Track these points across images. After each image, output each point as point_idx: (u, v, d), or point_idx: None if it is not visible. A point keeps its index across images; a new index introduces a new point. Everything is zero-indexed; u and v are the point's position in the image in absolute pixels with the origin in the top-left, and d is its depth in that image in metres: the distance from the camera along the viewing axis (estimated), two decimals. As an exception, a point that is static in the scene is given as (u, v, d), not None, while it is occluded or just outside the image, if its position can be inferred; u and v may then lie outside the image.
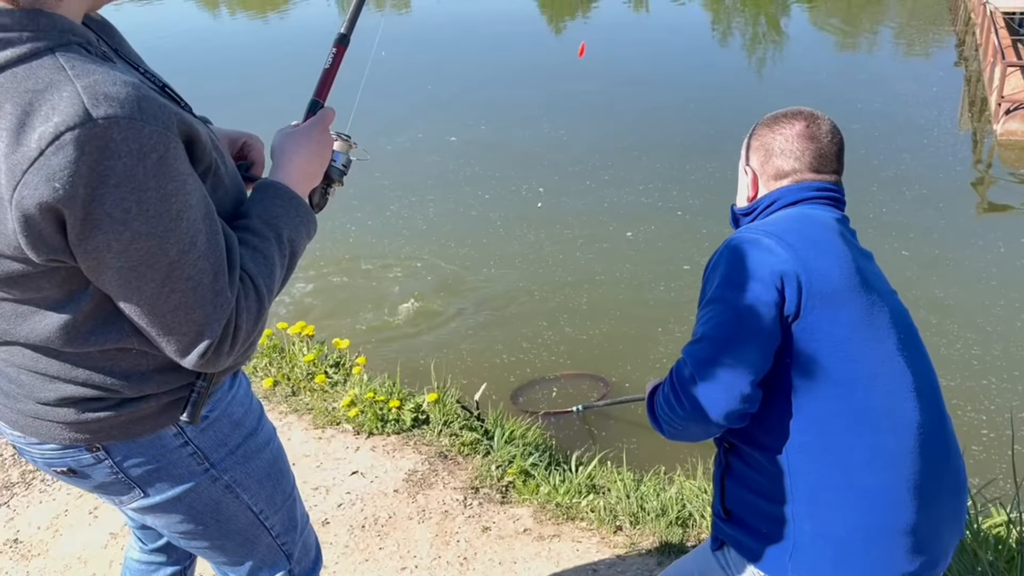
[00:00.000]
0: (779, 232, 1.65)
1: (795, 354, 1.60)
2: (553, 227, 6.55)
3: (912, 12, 14.41)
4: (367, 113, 10.19)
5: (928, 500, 1.64)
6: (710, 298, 1.65)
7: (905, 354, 1.66)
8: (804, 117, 1.77)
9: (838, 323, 1.60)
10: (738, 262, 1.62)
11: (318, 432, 3.43)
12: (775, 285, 1.57)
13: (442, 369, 4.18)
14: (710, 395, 1.58)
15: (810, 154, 1.76)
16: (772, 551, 1.69)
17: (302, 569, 1.70)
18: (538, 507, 2.93)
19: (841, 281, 1.61)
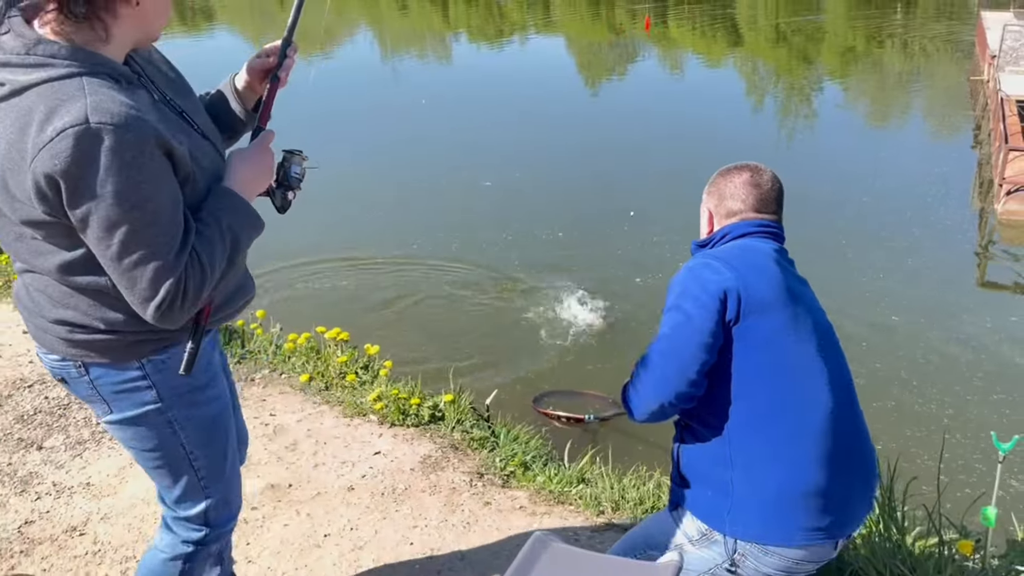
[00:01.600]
0: (725, 257, 2.21)
1: (734, 351, 2.13)
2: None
3: (941, 97, 14.97)
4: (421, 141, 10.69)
5: (839, 470, 2.13)
6: (669, 307, 2.20)
7: (823, 355, 2.18)
8: (750, 169, 2.33)
9: (768, 328, 2.13)
10: (692, 279, 2.18)
11: (347, 420, 3.91)
12: (719, 297, 2.11)
13: (463, 374, 4.67)
14: (666, 380, 2.12)
15: (753, 198, 2.30)
16: (715, 508, 2.18)
17: (217, 515, 2.06)
18: (534, 492, 3.38)
19: (771, 295, 2.14)
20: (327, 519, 3.12)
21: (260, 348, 4.62)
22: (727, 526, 2.14)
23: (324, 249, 7.63)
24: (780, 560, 2.14)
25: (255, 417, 3.89)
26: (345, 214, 8.55)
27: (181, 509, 2.03)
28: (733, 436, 2.13)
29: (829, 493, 2.10)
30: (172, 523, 2.07)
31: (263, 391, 4.19)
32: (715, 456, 2.17)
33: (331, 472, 3.44)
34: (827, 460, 2.10)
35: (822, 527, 2.11)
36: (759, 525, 2.11)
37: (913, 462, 4.00)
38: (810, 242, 7.53)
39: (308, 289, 6.86)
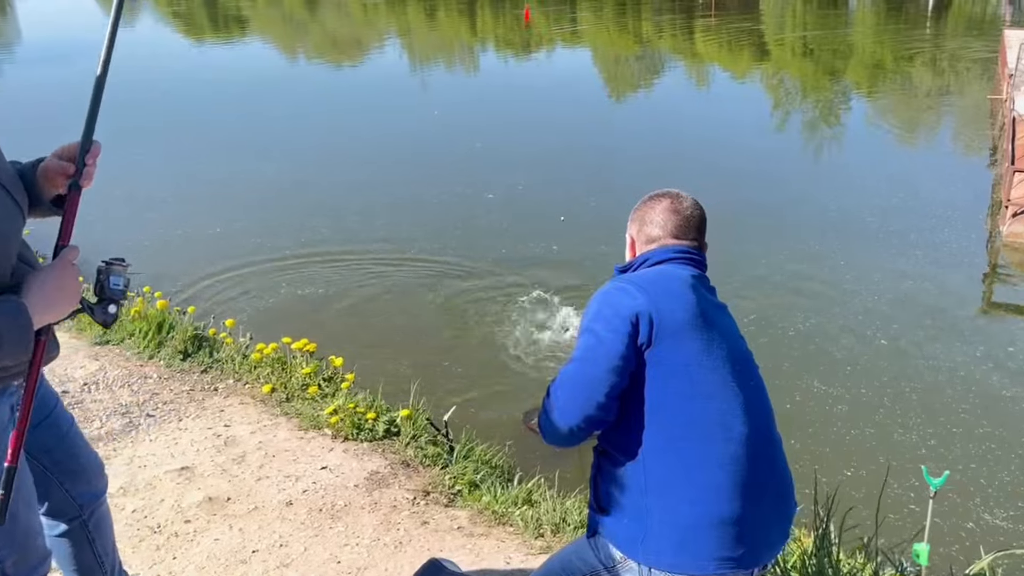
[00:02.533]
0: (639, 282, 2.16)
1: (647, 376, 2.07)
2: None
3: (963, 116, 14.71)
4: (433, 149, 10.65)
5: (753, 499, 2.06)
6: (582, 329, 2.16)
7: (739, 382, 2.11)
8: (670, 196, 2.30)
9: (681, 352, 2.07)
10: (605, 303, 2.13)
11: (301, 433, 3.88)
12: (631, 320, 2.06)
13: (430, 386, 4.62)
14: (573, 402, 2.06)
15: (672, 224, 2.26)
16: (630, 536, 2.11)
17: (16, 571, 1.95)
18: (476, 512, 3.32)
19: (685, 320, 2.09)
20: (259, 535, 3.08)
21: (228, 357, 4.61)
22: (640, 554, 2.07)
23: (308, 245, 7.66)
24: None
25: (208, 428, 3.87)
26: (343, 214, 8.54)
27: None
28: (648, 462, 2.07)
29: (743, 522, 2.04)
30: None
31: (224, 401, 4.17)
32: (630, 483, 2.10)
33: (273, 486, 3.40)
34: (741, 488, 2.04)
35: (735, 556, 2.04)
36: (672, 553, 2.04)
37: (855, 496, 3.88)
38: (810, 257, 7.41)
39: (287, 292, 6.84)
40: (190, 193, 9.35)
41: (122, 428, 3.85)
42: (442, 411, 4.15)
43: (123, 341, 4.78)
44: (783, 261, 7.42)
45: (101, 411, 4.00)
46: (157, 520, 3.15)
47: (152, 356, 4.62)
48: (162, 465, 3.53)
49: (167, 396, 4.18)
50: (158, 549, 2.99)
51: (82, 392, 4.18)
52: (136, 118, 11.59)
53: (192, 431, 3.84)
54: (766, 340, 5.87)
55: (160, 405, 4.09)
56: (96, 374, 4.38)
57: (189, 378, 4.40)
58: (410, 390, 4.18)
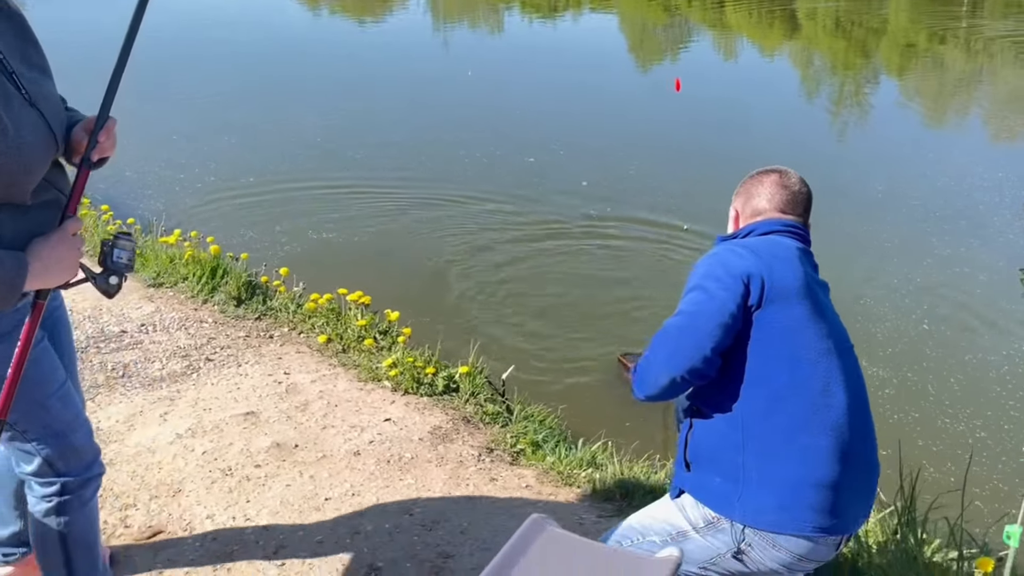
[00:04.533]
0: (750, 245, 2.18)
1: (753, 337, 2.07)
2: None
3: (1003, 98, 14.49)
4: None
5: (849, 467, 2.07)
6: (692, 287, 2.15)
7: (840, 354, 2.14)
8: (778, 171, 2.31)
9: (790, 317, 2.07)
10: (716, 263, 2.13)
11: (361, 385, 3.87)
12: (742, 280, 2.06)
13: (488, 347, 4.60)
14: (680, 353, 2.05)
15: (779, 198, 2.28)
16: (724, 495, 2.11)
17: (67, 465, 1.99)
18: (542, 472, 3.31)
19: (795, 286, 2.09)
20: (329, 483, 3.08)
21: (281, 306, 4.59)
22: (737, 513, 2.08)
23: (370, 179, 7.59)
24: (785, 554, 2.08)
25: (269, 375, 3.86)
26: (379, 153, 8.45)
27: (23, 467, 1.99)
28: (748, 421, 2.07)
29: (839, 488, 2.05)
30: (28, 483, 2.03)
31: (280, 348, 4.16)
32: (726, 441, 2.11)
33: (339, 435, 3.40)
34: (840, 455, 2.06)
35: (829, 522, 2.05)
36: (772, 512, 2.05)
37: (939, 476, 3.85)
38: (850, 239, 7.31)
39: (335, 239, 6.83)
40: (222, 144, 9.28)
41: (183, 370, 3.85)
42: (499, 370, 4.15)
43: (176, 284, 4.76)
44: (830, 241, 7.34)
45: (160, 352, 3.99)
46: (228, 463, 3.15)
47: (206, 301, 4.61)
48: (227, 409, 3.52)
49: (223, 341, 4.18)
50: (231, 492, 2.99)
51: (140, 332, 4.18)
52: (160, 71, 11.49)
53: (252, 377, 3.83)
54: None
55: (218, 350, 4.08)
56: (152, 316, 4.37)
57: (244, 324, 4.39)
58: (469, 348, 4.16)
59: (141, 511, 2.88)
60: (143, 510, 2.89)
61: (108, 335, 4.12)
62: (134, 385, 3.69)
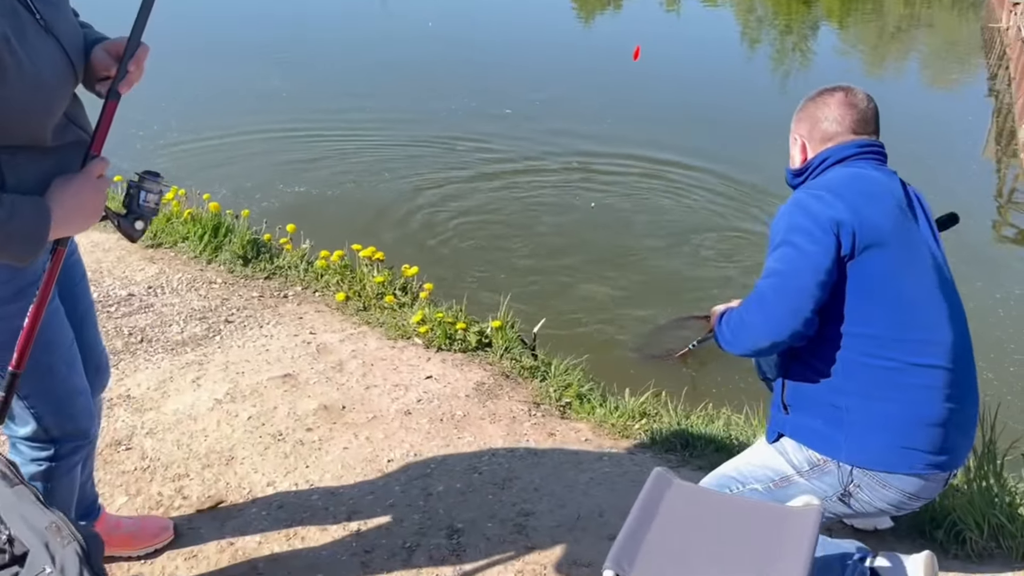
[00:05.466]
0: (834, 188, 2.06)
1: (849, 286, 2.00)
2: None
3: (943, 45, 14.75)
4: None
5: (956, 404, 2.04)
6: (779, 242, 2.06)
7: (942, 290, 2.08)
8: (842, 89, 2.19)
9: (887, 260, 2.00)
10: (801, 213, 2.03)
11: (391, 343, 3.74)
12: (832, 231, 1.98)
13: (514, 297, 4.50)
14: (779, 318, 1.99)
15: (850, 119, 2.16)
16: (827, 435, 2.08)
17: (62, 431, 1.87)
18: (595, 425, 3.25)
19: (887, 227, 2.00)
20: (387, 444, 2.97)
21: (291, 264, 4.41)
22: (843, 454, 2.05)
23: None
24: (895, 493, 2.06)
25: (295, 335, 3.70)
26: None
27: (13, 429, 1.85)
28: (850, 365, 2.04)
29: (948, 425, 2.04)
30: (15, 443, 1.90)
31: (298, 308, 4.00)
32: (827, 384, 2.08)
33: (384, 395, 3.27)
34: (948, 393, 2.04)
35: (940, 459, 2.04)
36: (882, 451, 2.03)
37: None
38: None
39: (342, 200, 6.64)
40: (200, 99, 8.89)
41: (203, 333, 3.66)
42: (525, 324, 4.06)
43: (176, 244, 4.53)
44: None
45: (175, 315, 3.79)
46: (277, 427, 3.01)
47: (211, 261, 4.39)
48: (261, 372, 3.36)
49: (238, 302, 3.99)
50: (287, 457, 2.86)
51: (149, 295, 3.96)
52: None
53: (279, 338, 3.67)
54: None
55: (235, 311, 3.89)
56: (158, 277, 4.15)
57: (255, 284, 4.20)
58: (499, 301, 4.05)
59: (195, 481, 2.73)
60: (197, 479, 2.74)
61: (115, 298, 3.89)
62: (156, 350, 3.49)
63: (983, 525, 2.55)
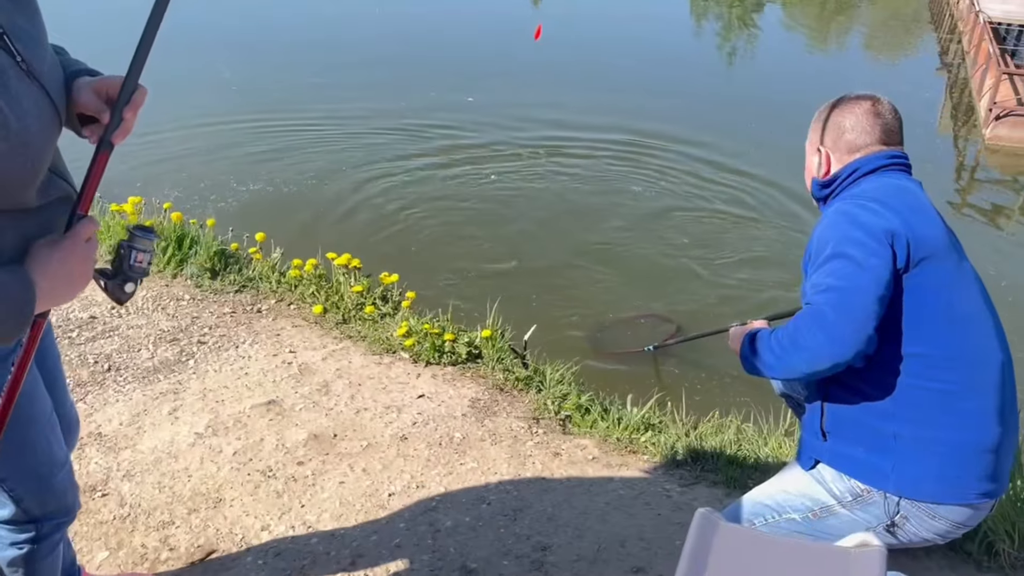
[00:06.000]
0: (880, 198, 1.93)
1: (905, 301, 1.87)
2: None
3: (886, 20, 14.86)
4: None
5: (1007, 427, 1.94)
6: (831, 254, 1.90)
7: (987, 305, 1.97)
8: (868, 99, 2.06)
9: (939, 276, 1.88)
10: (852, 224, 1.88)
11: (376, 358, 3.54)
12: (888, 242, 1.85)
13: (479, 309, 4.33)
14: (843, 338, 1.82)
15: (879, 129, 2.04)
16: (874, 466, 1.94)
17: (44, 510, 1.69)
18: (600, 439, 3.10)
19: (939, 241, 1.89)
20: (386, 475, 2.78)
21: (262, 275, 4.17)
22: (891, 484, 1.92)
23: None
24: (944, 524, 1.95)
25: (274, 355, 3.48)
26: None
27: None
28: (901, 388, 1.90)
29: (999, 450, 1.94)
30: None
31: (274, 324, 3.77)
32: (874, 409, 1.94)
33: (376, 419, 3.08)
34: (999, 415, 1.94)
35: (991, 487, 1.93)
36: (934, 483, 1.90)
37: None
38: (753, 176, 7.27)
39: (298, 190, 6.39)
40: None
41: (176, 357, 3.42)
42: (510, 328, 3.89)
43: (137, 258, 4.25)
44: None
45: (143, 339, 3.54)
46: (266, 462, 2.80)
47: (176, 275, 4.13)
48: (243, 400, 3.14)
49: (209, 320, 3.75)
50: (279, 496, 2.66)
51: (112, 317, 3.70)
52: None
53: (257, 359, 3.44)
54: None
55: (207, 330, 3.66)
56: (121, 296, 3.88)
57: (225, 299, 3.96)
58: (486, 309, 3.87)
59: (182, 528, 2.52)
60: (184, 527, 2.52)
61: (76, 322, 3.63)
62: (126, 379, 3.25)
63: (1014, 535, 2.47)
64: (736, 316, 4.52)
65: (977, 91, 8.75)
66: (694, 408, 3.44)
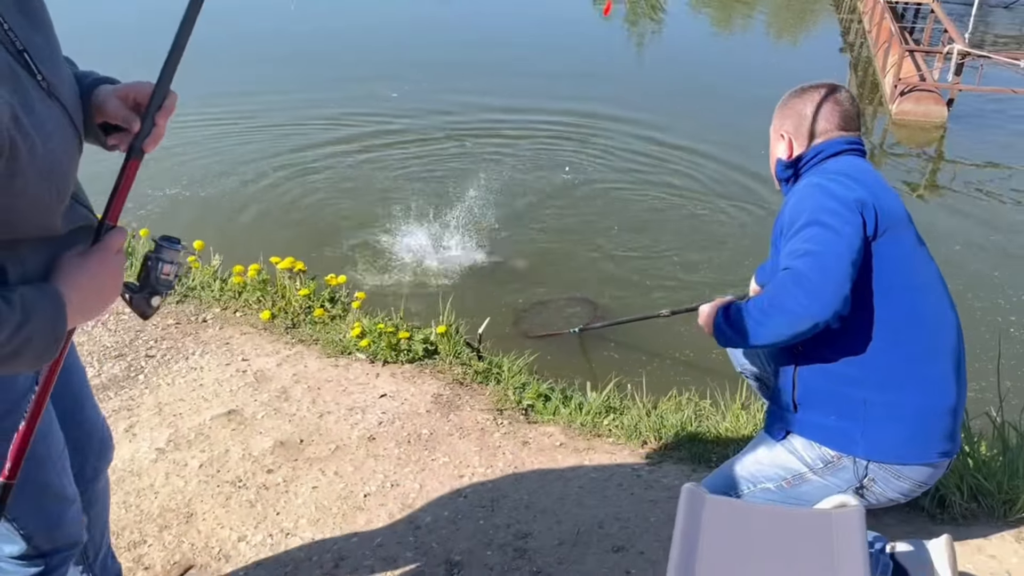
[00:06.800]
0: (848, 172, 2.06)
1: (872, 268, 1.99)
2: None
3: (787, 2, 15.38)
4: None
5: (961, 388, 2.09)
6: (807, 222, 2.00)
7: (939, 275, 2.13)
8: (826, 87, 2.19)
9: (902, 245, 2.04)
10: (825, 194, 2.01)
11: (332, 360, 3.51)
12: (858, 211, 1.97)
13: (426, 301, 4.34)
14: (824, 297, 1.91)
15: (837, 116, 2.17)
16: (842, 431, 2.05)
17: (53, 543, 1.63)
18: (564, 426, 3.15)
19: (900, 213, 2.05)
20: (358, 476, 2.77)
21: (203, 284, 4.08)
22: (860, 449, 2.03)
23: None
24: (908, 484, 2.07)
25: (227, 364, 3.42)
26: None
27: (2, 548, 1.60)
28: (867, 355, 2.02)
29: (956, 411, 2.08)
30: (2, 564, 1.65)
31: (222, 332, 3.70)
32: (843, 378, 2.05)
33: (342, 421, 3.06)
34: (956, 377, 2.08)
35: (951, 446, 2.06)
36: (901, 445, 2.02)
37: None
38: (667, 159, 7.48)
39: (218, 192, 6.25)
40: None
41: (125, 373, 3.32)
42: (467, 325, 3.91)
43: (70, 274, 4.10)
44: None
45: (87, 357, 3.42)
46: (234, 473, 2.75)
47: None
48: (202, 411, 3.08)
49: (154, 333, 3.65)
50: (253, 505, 2.62)
51: (51, 336, 3.56)
52: None
53: (210, 369, 3.38)
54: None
55: (152, 343, 3.56)
56: (58, 314, 3.75)
57: (168, 310, 3.86)
58: (438, 304, 3.88)
59: (155, 546, 2.46)
60: (156, 545, 2.47)
61: (13, 344, 3.48)
62: (75, 399, 3.14)
63: (963, 488, 2.62)
64: (664, 299, 4.67)
65: (881, 68, 9.12)
66: (652, 389, 3.52)
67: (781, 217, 2.08)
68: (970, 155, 7.88)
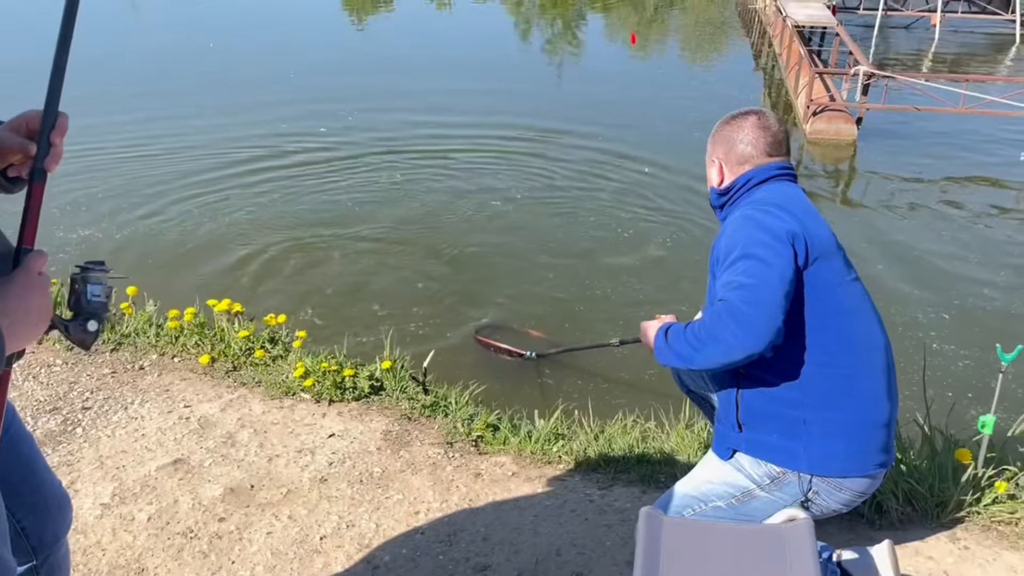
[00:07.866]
0: (780, 203, 2.16)
1: (805, 296, 2.10)
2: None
3: (695, 26, 15.93)
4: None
5: (892, 402, 2.20)
6: (740, 255, 2.10)
7: (866, 295, 2.25)
8: (754, 113, 2.29)
9: (832, 272, 2.15)
10: (757, 227, 2.10)
11: (277, 402, 3.48)
12: (789, 243, 2.08)
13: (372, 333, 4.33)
14: (757, 330, 2.00)
15: (763, 142, 2.27)
16: (786, 448, 2.14)
17: None
18: (515, 455, 3.18)
19: (829, 241, 2.15)
20: (312, 519, 2.75)
21: (138, 330, 4.00)
22: (804, 464, 2.12)
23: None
24: (848, 495, 2.17)
25: (168, 411, 3.36)
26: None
27: None
28: (805, 378, 2.12)
29: (889, 424, 2.19)
30: None
31: (161, 379, 3.63)
32: (784, 400, 2.14)
33: (291, 464, 3.04)
34: (887, 393, 2.19)
35: (886, 457, 2.18)
36: (841, 459, 2.12)
37: None
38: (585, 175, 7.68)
39: (136, 232, 6.13)
40: None
41: (61, 428, 3.23)
42: (410, 356, 3.92)
43: (-4, 327, 3.97)
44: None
45: (22, 411, 3.30)
46: (185, 524, 2.70)
47: (40, 340, 3.88)
48: (146, 462, 3.02)
49: (89, 384, 3.56)
50: (206, 556, 2.57)
51: (-20, 393, 3.44)
52: None
53: (151, 418, 3.31)
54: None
55: (88, 395, 3.47)
56: (-14, 369, 3.62)
57: (102, 359, 3.77)
58: (383, 340, 3.88)
59: (107, 606, 2.40)
60: (108, 604, 2.41)
61: (-61, 403, 3.35)
62: (10, 457, 3.04)
63: (898, 493, 2.75)
64: (609, 322, 4.75)
65: (793, 90, 9.49)
66: (599, 413, 3.58)
67: (717, 246, 2.17)
68: (882, 169, 8.25)
